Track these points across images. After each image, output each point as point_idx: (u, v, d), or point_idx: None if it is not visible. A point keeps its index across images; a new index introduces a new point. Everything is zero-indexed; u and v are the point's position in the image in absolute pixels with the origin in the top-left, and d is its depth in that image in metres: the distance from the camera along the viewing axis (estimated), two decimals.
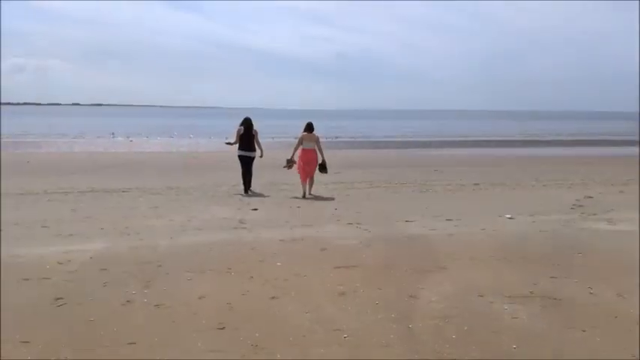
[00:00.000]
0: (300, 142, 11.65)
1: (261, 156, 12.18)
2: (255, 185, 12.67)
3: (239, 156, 12.03)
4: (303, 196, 11.19)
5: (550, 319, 4.34)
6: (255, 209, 9.73)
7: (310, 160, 11.49)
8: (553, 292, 4.98)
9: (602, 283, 5.24)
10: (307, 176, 11.49)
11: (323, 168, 11.71)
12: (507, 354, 3.71)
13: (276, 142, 32.08)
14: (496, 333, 4.05)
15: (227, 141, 13.20)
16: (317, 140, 11.68)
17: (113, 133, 40.88)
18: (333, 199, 11.10)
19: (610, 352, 3.75)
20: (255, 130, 12.14)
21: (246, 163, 11.98)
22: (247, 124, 12.05)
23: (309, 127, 11.69)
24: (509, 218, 8.76)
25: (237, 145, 12.06)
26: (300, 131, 12.08)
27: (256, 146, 12.07)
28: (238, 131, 12.04)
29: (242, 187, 12.04)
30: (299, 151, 11.65)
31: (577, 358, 3.69)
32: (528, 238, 7.19)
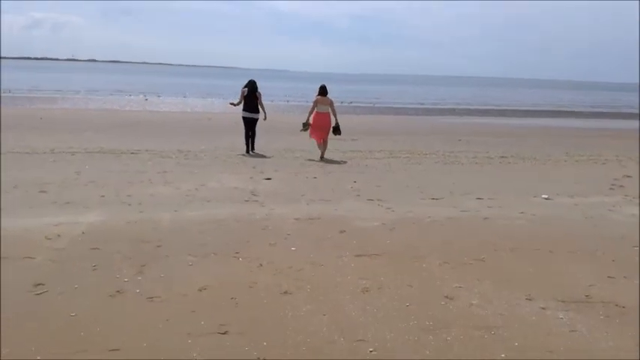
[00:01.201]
0: (315, 105, 11.59)
1: (264, 119, 12.30)
2: (270, 151, 12.22)
3: (243, 117, 12.21)
4: (321, 158, 11.31)
5: (616, 334, 3.58)
6: (269, 179, 9.00)
7: (324, 123, 11.50)
8: (613, 297, 4.19)
9: None
10: (321, 139, 11.50)
11: (337, 130, 11.72)
12: None
13: (291, 105, 31.18)
14: (554, 352, 3.30)
15: (231, 102, 13.15)
16: (331, 104, 11.66)
17: (144, 94, 39.96)
18: (351, 169, 10.32)
19: None
20: (259, 93, 12.27)
21: (250, 125, 12.12)
22: (252, 86, 12.17)
23: (323, 91, 11.59)
24: (546, 199, 7.90)
25: (241, 106, 12.23)
26: (315, 95, 11.90)
27: (260, 108, 12.19)
28: (243, 92, 12.18)
29: (254, 152, 12.09)
30: (313, 115, 11.58)
31: None
32: (574, 226, 6.33)
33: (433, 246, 5.22)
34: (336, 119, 11.61)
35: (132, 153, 11.34)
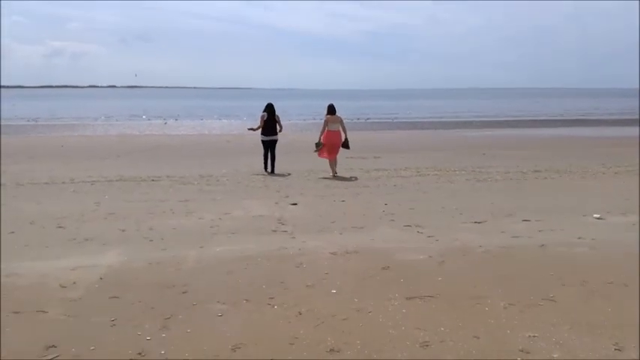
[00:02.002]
0: (326, 124, 11.70)
1: (280, 130, 12.47)
2: (292, 172, 11.89)
3: (262, 140, 12.29)
4: (334, 175, 11.35)
5: None
6: (295, 204, 8.44)
7: (335, 141, 11.60)
8: None
9: None
10: (333, 156, 11.57)
11: (346, 145, 11.79)
12: None
13: (309, 124, 30.73)
14: None
15: (250, 127, 13.31)
16: (341, 121, 11.78)
17: (162, 118, 39.88)
18: (379, 190, 9.71)
19: None
20: (277, 116, 12.47)
21: (270, 147, 12.20)
22: (270, 110, 12.28)
23: (332, 110, 11.73)
24: (598, 218, 7.18)
25: (260, 129, 12.33)
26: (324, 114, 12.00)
27: (277, 129, 12.39)
28: (262, 117, 12.27)
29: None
30: (325, 133, 11.68)
31: None
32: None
33: (492, 283, 4.54)
34: (345, 135, 11.71)
35: (152, 180, 10.92)
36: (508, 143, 19.74)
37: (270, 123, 12.19)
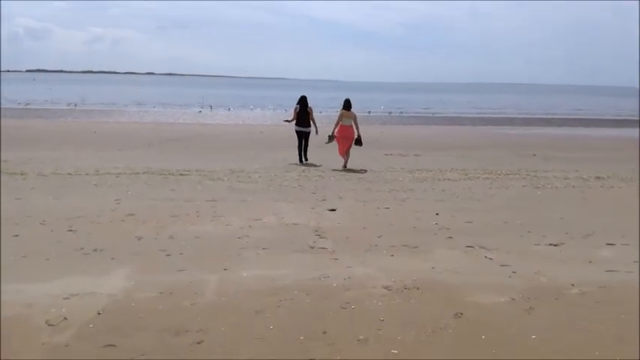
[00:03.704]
0: (340, 119, 11.75)
1: (316, 133, 12.35)
2: (328, 170, 10.99)
3: (296, 131, 12.48)
4: (344, 167, 11.30)
5: None
6: (334, 210, 7.33)
7: (348, 136, 11.64)
8: None
9: None
10: (344, 150, 11.57)
11: (358, 142, 11.80)
12: None
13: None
14: None
15: (285, 119, 13.62)
16: (354, 117, 11.79)
17: (198, 105, 39.41)
18: (426, 195, 8.50)
19: None
20: (310, 108, 12.53)
21: (303, 137, 12.34)
22: (303, 102, 12.41)
23: (347, 105, 11.77)
24: None
25: (294, 121, 12.48)
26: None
27: (311, 123, 12.37)
28: (295, 109, 12.50)
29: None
30: (338, 127, 11.69)
31: None
32: None
33: (605, 347, 3.28)
34: (358, 132, 11.70)
35: (181, 174, 9.99)
36: (558, 143, 18.10)
37: (302, 115, 12.34)
